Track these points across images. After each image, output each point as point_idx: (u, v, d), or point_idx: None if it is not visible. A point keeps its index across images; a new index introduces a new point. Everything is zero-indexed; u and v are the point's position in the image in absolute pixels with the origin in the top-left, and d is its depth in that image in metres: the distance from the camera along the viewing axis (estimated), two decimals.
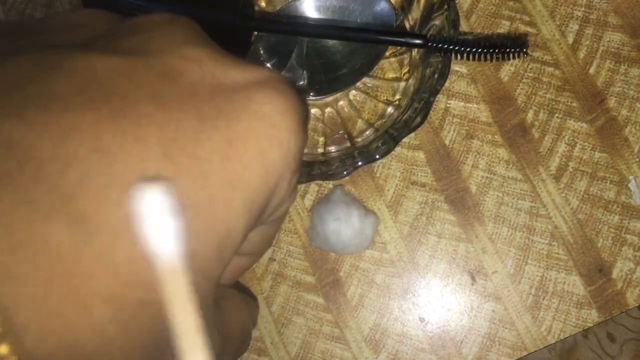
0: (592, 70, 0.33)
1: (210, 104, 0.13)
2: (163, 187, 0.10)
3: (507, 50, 0.28)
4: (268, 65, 0.32)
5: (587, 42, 0.33)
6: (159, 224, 0.10)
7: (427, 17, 0.30)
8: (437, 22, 0.29)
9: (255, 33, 0.32)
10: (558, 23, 0.33)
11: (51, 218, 0.10)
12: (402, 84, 0.32)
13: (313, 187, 0.33)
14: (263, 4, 0.33)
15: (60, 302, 0.10)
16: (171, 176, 0.12)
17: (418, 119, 0.27)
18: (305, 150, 0.31)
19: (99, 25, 0.15)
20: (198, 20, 0.15)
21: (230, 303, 0.18)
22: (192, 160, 0.12)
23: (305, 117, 0.15)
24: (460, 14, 0.33)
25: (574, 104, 0.33)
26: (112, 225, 0.11)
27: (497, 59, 0.28)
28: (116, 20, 0.15)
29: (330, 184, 0.33)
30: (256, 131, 0.13)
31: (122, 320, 0.11)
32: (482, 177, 0.33)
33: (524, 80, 0.33)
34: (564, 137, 0.33)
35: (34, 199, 0.10)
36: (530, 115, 0.33)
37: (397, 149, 0.33)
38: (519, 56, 0.28)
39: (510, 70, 0.33)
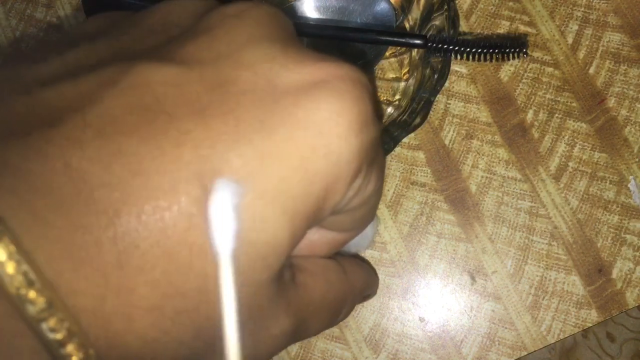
0: (591, 71, 0.33)
1: (253, 114, 0.13)
2: (231, 191, 0.12)
3: (507, 50, 0.28)
4: None
5: (587, 42, 0.33)
6: (217, 227, 0.12)
7: (427, 17, 0.30)
8: (437, 22, 0.29)
9: None
10: (558, 23, 0.33)
11: (100, 240, 0.12)
12: (402, 84, 0.32)
13: None
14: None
15: (109, 313, 0.12)
16: (199, 196, 0.12)
17: (418, 119, 0.27)
18: None
19: (185, 18, 0.15)
20: None
21: (315, 278, 0.18)
22: (220, 179, 0.12)
23: (368, 115, 0.14)
24: (460, 14, 0.33)
25: (574, 104, 0.33)
26: (148, 243, 0.12)
27: (497, 59, 0.28)
28: (201, 11, 0.15)
29: None
30: (297, 142, 0.13)
31: (162, 326, 0.12)
32: (482, 177, 0.33)
33: (524, 80, 0.33)
34: (563, 137, 0.33)
35: (87, 224, 0.12)
36: (530, 115, 0.33)
37: (397, 149, 0.33)
38: (518, 56, 0.28)
39: (510, 70, 0.33)
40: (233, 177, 0.12)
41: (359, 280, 0.21)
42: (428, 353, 0.32)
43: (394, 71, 0.33)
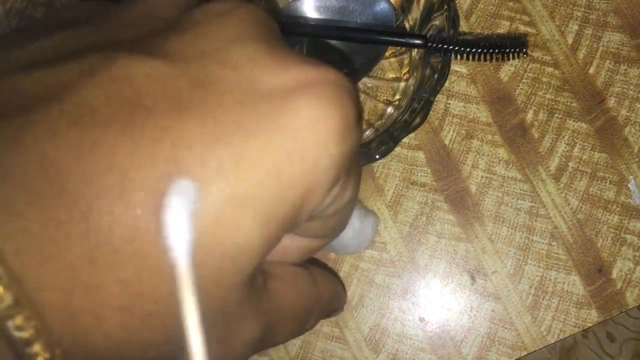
0: (591, 71, 0.33)
1: (233, 116, 0.13)
2: (187, 197, 0.11)
3: (507, 50, 0.28)
4: None
5: (587, 42, 0.33)
6: (175, 234, 0.11)
7: (427, 17, 0.30)
8: (437, 22, 0.29)
9: None
10: (558, 23, 0.33)
11: (71, 234, 0.11)
12: (402, 84, 0.32)
13: None
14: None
15: (77, 310, 0.11)
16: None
17: (418, 119, 0.27)
18: None
19: (170, 12, 0.15)
20: None
21: (286, 285, 0.17)
22: (193, 180, 0.12)
23: (350, 122, 0.14)
24: (460, 14, 0.33)
25: (574, 104, 0.33)
26: (120, 240, 0.11)
27: (497, 59, 0.28)
28: (186, 6, 0.15)
29: None
30: (274, 147, 0.13)
31: (131, 327, 0.12)
32: (482, 177, 0.33)
33: (524, 80, 0.33)
34: (563, 137, 0.33)
35: (59, 217, 0.11)
36: (529, 115, 0.33)
37: (397, 149, 0.33)
38: (518, 56, 0.28)
39: (510, 70, 0.33)
40: (210, 180, 0.12)
41: (327, 291, 0.21)
42: (428, 353, 0.32)
43: (394, 71, 0.33)
